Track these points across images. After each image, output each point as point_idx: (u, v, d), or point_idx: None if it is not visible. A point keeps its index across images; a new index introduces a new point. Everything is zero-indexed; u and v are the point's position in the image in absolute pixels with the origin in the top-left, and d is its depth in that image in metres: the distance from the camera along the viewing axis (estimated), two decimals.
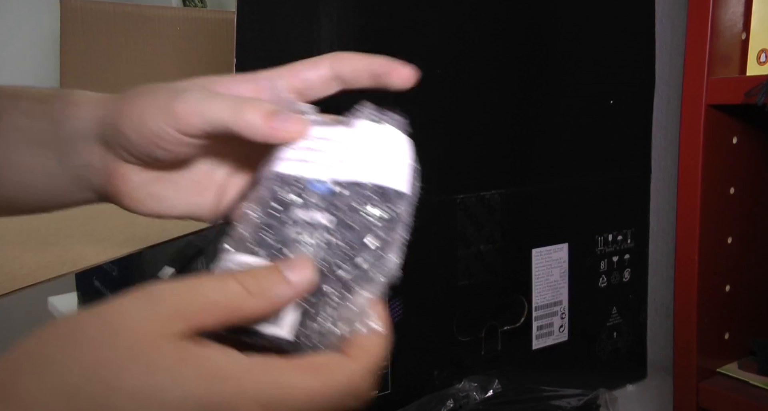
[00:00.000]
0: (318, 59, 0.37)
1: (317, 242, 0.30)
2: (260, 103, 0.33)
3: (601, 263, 0.75)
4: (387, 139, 0.34)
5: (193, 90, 0.34)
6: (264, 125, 0.32)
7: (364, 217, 0.31)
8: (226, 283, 0.27)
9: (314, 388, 0.26)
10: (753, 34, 0.60)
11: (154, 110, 0.34)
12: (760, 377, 0.62)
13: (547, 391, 0.63)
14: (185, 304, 0.26)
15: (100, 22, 1.09)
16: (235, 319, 0.27)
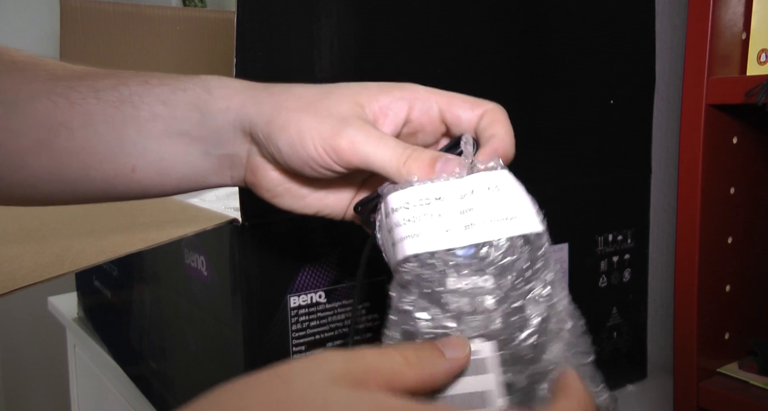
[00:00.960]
0: (476, 104, 0.38)
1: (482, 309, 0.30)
2: (422, 155, 0.34)
3: (601, 263, 0.75)
4: (503, 185, 0.33)
5: (356, 125, 0.35)
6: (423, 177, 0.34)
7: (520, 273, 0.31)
8: (389, 353, 0.29)
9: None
10: (753, 34, 0.60)
11: (315, 136, 0.35)
12: (760, 377, 0.62)
13: None
14: (351, 363, 0.28)
15: (100, 21, 1.09)
16: (396, 384, 0.28)
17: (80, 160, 0.38)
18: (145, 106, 0.37)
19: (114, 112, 0.37)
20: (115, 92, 0.37)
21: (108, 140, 0.37)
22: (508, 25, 0.66)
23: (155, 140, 0.38)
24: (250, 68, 0.54)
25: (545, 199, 0.70)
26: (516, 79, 0.67)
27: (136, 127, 0.37)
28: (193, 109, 0.37)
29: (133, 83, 0.38)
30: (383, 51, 0.60)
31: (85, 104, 0.37)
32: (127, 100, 0.37)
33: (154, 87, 0.38)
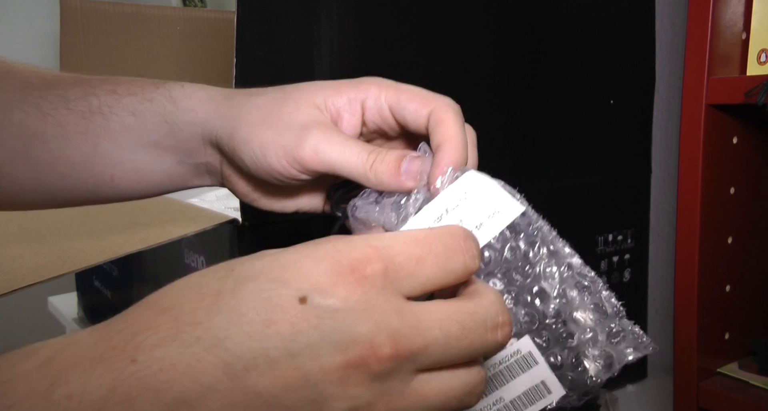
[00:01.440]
0: (423, 102, 0.36)
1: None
2: (387, 157, 0.34)
3: (601, 263, 0.75)
4: (472, 187, 0.33)
5: (317, 132, 0.35)
6: (392, 182, 0.33)
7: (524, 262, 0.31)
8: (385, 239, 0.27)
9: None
10: (753, 34, 0.60)
11: (278, 149, 0.35)
12: (760, 377, 0.62)
13: None
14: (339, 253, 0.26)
15: (100, 22, 1.09)
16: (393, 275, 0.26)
17: (58, 170, 0.39)
18: (115, 117, 0.38)
19: (86, 124, 0.38)
20: (85, 102, 0.38)
21: (83, 151, 0.38)
22: (508, 25, 0.66)
23: (129, 151, 0.38)
24: (250, 68, 0.54)
25: (545, 199, 0.70)
26: (516, 79, 0.67)
27: (109, 139, 0.38)
28: (161, 121, 0.38)
29: (101, 93, 0.38)
30: (383, 51, 0.60)
31: (56, 114, 0.38)
32: (96, 111, 0.38)
33: (122, 97, 0.38)
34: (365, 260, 0.24)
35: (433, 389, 0.25)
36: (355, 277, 0.24)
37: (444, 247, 0.26)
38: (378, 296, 0.24)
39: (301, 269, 0.24)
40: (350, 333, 0.23)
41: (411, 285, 0.25)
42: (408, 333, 0.24)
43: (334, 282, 0.24)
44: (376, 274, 0.24)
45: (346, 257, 0.24)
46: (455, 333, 0.25)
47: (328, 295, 0.24)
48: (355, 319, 0.23)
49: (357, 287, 0.24)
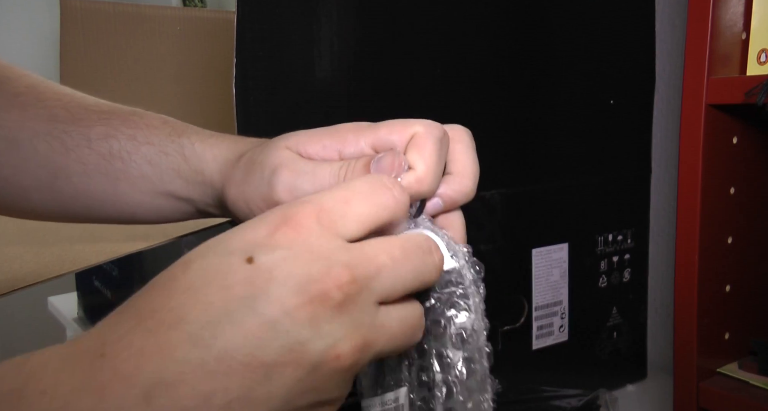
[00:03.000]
0: (403, 131, 0.36)
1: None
2: (357, 164, 0.34)
3: (601, 263, 0.75)
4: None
5: (286, 169, 0.35)
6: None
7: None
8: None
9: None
10: (753, 34, 0.60)
11: (259, 202, 0.36)
12: (760, 377, 0.62)
13: (547, 391, 0.64)
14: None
15: (100, 22, 1.09)
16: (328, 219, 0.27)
17: (81, 202, 0.42)
18: (134, 164, 0.41)
19: (106, 165, 0.41)
20: (106, 144, 0.41)
21: (104, 189, 0.41)
22: (508, 25, 0.66)
23: (148, 195, 0.41)
24: (250, 68, 0.54)
25: (545, 199, 0.70)
26: (516, 79, 0.67)
27: (128, 183, 0.41)
28: (176, 176, 0.40)
29: (122, 137, 0.41)
30: (383, 51, 0.60)
31: (79, 152, 0.41)
32: (117, 155, 0.41)
33: (141, 145, 0.41)
34: (298, 211, 0.26)
35: (395, 321, 0.27)
36: (290, 226, 0.25)
37: (369, 186, 0.27)
38: (319, 238, 0.25)
39: (243, 235, 0.25)
40: (304, 274, 0.24)
41: (345, 225, 0.26)
42: (358, 262, 0.25)
43: (273, 236, 0.25)
44: (310, 220, 0.25)
45: (280, 214, 0.26)
46: (399, 256, 0.26)
47: (271, 247, 0.24)
48: (305, 262, 0.24)
49: (296, 235, 0.25)
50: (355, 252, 0.25)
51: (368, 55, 0.59)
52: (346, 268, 0.25)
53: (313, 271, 0.24)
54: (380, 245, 0.26)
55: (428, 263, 0.28)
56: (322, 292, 0.24)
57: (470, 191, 0.34)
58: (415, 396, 0.31)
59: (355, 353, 0.25)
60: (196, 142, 0.41)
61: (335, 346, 0.24)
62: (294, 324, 0.24)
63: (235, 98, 0.53)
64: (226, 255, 0.24)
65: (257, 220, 0.26)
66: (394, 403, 0.31)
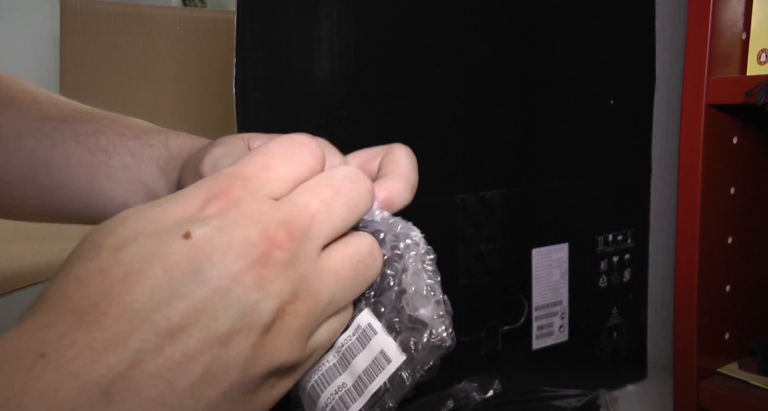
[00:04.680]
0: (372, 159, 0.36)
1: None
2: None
3: (601, 263, 0.75)
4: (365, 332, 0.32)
5: (220, 147, 0.36)
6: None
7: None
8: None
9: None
10: (753, 33, 0.60)
11: (191, 174, 0.37)
12: (760, 377, 0.62)
13: (547, 391, 0.63)
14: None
15: (100, 22, 1.09)
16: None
17: (60, 197, 0.42)
18: (117, 156, 0.41)
19: (89, 157, 0.41)
20: (93, 138, 0.41)
21: (82, 182, 0.42)
22: (508, 25, 0.66)
23: (121, 187, 0.41)
24: (250, 68, 0.54)
25: (545, 199, 0.71)
26: (516, 79, 0.67)
27: (106, 175, 0.41)
28: (154, 165, 0.41)
29: (110, 132, 0.42)
30: (383, 51, 0.60)
31: (65, 145, 0.41)
32: (102, 148, 0.41)
33: (128, 139, 0.42)
34: (223, 183, 0.26)
35: (338, 260, 0.27)
36: (219, 198, 0.25)
37: (285, 147, 0.27)
38: (250, 204, 0.25)
39: (174, 213, 0.25)
40: (243, 239, 0.24)
41: (272, 187, 0.26)
42: (291, 216, 0.25)
43: (205, 209, 0.25)
44: (237, 190, 0.25)
45: (206, 188, 0.25)
46: (329, 195, 0.27)
47: (205, 220, 0.24)
48: (241, 228, 0.24)
49: (227, 205, 0.25)
50: (287, 206, 0.26)
51: (368, 55, 0.59)
52: (282, 224, 0.25)
53: (250, 235, 0.24)
54: (308, 191, 0.26)
55: (360, 191, 0.28)
56: (264, 253, 0.24)
57: (402, 192, 0.33)
58: (383, 309, 0.30)
59: (302, 306, 0.25)
60: (182, 136, 0.42)
61: (283, 303, 0.24)
62: (243, 289, 0.24)
63: (235, 98, 0.53)
64: (161, 235, 0.24)
65: (183, 195, 0.25)
66: (360, 330, 0.30)
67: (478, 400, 0.62)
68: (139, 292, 0.23)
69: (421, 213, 0.66)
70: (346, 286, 0.27)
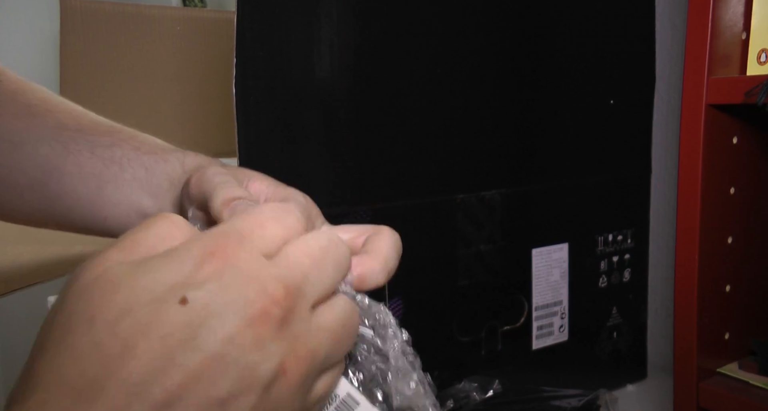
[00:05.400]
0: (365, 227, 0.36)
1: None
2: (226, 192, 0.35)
3: (601, 263, 0.75)
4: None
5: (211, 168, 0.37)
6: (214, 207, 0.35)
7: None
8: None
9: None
10: (753, 34, 0.60)
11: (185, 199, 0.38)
12: (760, 377, 0.62)
13: (547, 391, 0.63)
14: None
15: (100, 22, 1.09)
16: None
17: (65, 203, 0.43)
18: (131, 169, 0.42)
19: (102, 168, 0.42)
20: (109, 151, 0.42)
21: (90, 191, 0.42)
22: (508, 25, 0.66)
23: (128, 197, 0.42)
24: (250, 68, 0.54)
25: (545, 199, 0.71)
26: (516, 79, 0.67)
27: (116, 185, 0.42)
28: (166, 179, 0.42)
29: (126, 147, 0.43)
30: (382, 51, 0.60)
31: (79, 156, 0.42)
32: (117, 161, 0.42)
33: (143, 154, 0.42)
34: (220, 240, 0.25)
35: (329, 318, 0.27)
36: (217, 256, 0.25)
37: (274, 212, 0.28)
38: (247, 262, 0.25)
39: (167, 276, 0.24)
40: (241, 298, 0.24)
41: (266, 245, 0.26)
42: (287, 273, 0.25)
43: (201, 269, 0.24)
44: (233, 247, 0.25)
45: (201, 246, 0.25)
46: (318, 254, 0.27)
47: (201, 282, 0.24)
48: (238, 286, 0.24)
49: (224, 263, 0.24)
50: (281, 263, 0.26)
51: (368, 55, 0.59)
52: (278, 281, 0.25)
53: (248, 293, 0.24)
54: (299, 249, 0.27)
55: (342, 253, 0.28)
56: (262, 312, 0.24)
57: (377, 273, 0.32)
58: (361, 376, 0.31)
59: (303, 364, 0.25)
60: (200, 156, 0.42)
61: (282, 363, 0.24)
62: (241, 351, 0.23)
63: (235, 98, 0.53)
64: (156, 303, 0.23)
65: (177, 254, 0.25)
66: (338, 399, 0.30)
67: (478, 400, 0.62)
68: (135, 365, 0.22)
69: (421, 213, 0.66)
70: (337, 342, 0.27)
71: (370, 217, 0.59)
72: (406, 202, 0.62)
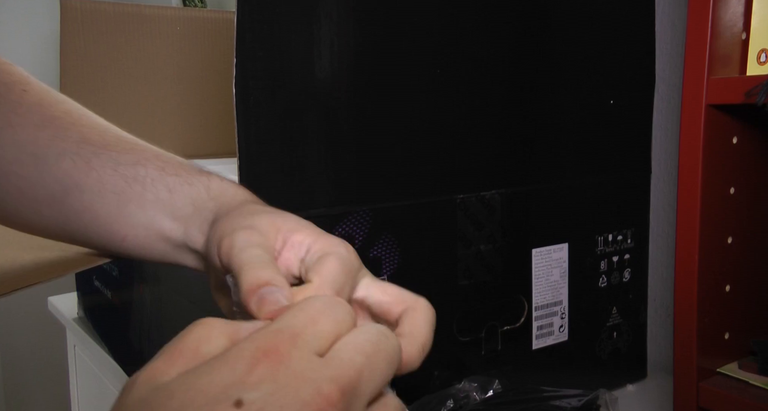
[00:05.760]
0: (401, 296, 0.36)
1: None
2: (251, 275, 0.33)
3: (601, 263, 0.75)
4: None
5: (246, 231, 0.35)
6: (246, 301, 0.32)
7: None
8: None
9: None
10: (753, 34, 0.60)
11: (218, 236, 0.36)
12: (760, 377, 0.62)
13: (547, 391, 0.63)
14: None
15: (100, 22, 1.09)
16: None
17: (83, 219, 0.42)
18: (153, 189, 0.42)
19: (124, 187, 0.42)
20: (132, 170, 0.42)
21: (110, 209, 0.42)
22: (507, 24, 0.66)
23: (149, 219, 0.42)
24: (250, 68, 0.54)
25: (545, 199, 0.71)
26: (516, 79, 0.67)
27: (138, 204, 0.42)
28: (189, 203, 0.41)
29: (151, 166, 0.42)
30: (383, 51, 0.60)
31: (102, 172, 0.42)
32: (140, 180, 0.42)
33: (167, 175, 0.42)
34: (273, 340, 0.25)
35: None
36: (270, 357, 0.24)
37: (326, 305, 0.27)
38: (300, 362, 0.24)
39: (220, 378, 0.24)
40: (297, 402, 0.23)
41: (318, 343, 0.26)
42: (340, 372, 0.25)
43: (254, 371, 0.24)
44: (287, 347, 0.25)
45: (254, 347, 0.25)
46: (371, 350, 0.26)
47: (255, 384, 0.23)
48: (293, 389, 0.24)
49: (278, 364, 0.24)
50: (334, 362, 0.25)
51: (368, 55, 0.59)
52: (333, 382, 0.24)
53: (304, 396, 0.24)
54: (351, 346, 0.26)
55: (393, 347, 0.28)
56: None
57: (415, 359, 0.32)
58: None
59: None
60: (225, 181, 0.42)
61: None
62: None
63: (235, 98, 0.53)
64: (211, 405, 0.23)
65: (230, 356, 0.24)
66: None
67: (478, 400, 0.62)
68: None
69: (421, 213, 0.66)
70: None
71: (370, 217, 0.59)
72: (406, 202, 0.62)
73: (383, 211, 0.60)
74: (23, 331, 2.03)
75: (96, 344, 1.02)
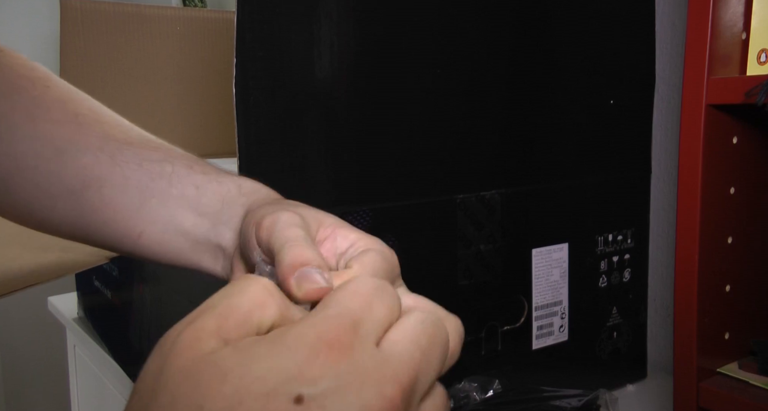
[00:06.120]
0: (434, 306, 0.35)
1: None
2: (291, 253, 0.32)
3: (601, 263, 0.75)
4: None
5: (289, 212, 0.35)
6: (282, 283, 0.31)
7: None
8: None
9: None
10: (753, 34, 0.60)
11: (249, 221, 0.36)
12: (760, 377, 0.62)
13: (547, 391, 0.63)
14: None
15: (100, 22, 1.09)
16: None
17: (99, 217, 0.41)
18: (180, 185, 0.41)
19: (148, 182, 0.41)
20: (158, 166, 0.41)
21: (132, 203, 0.41)
22: (507, 24, 0.66)
23: (169, 215, 0.41)
24: (250, 68, 0.54)
25: (545, 199, 0.71)
26: (516, 79, 0.67)
27: (161, 199, 0.41)
28: (218, 200, 0.40)
29: (178, 164, 0.41)
30: (383, 51, 0.60)
31: (126, 168, 0.41)
32: (166, 176, 0.41)
33: (195, 173, 0.41)
34: (336, 330, 0.24)
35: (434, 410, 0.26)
36: (334, 349, 0.23)
37: (374, 287, 0.26)
38: (362, 355, 0.24)
39: (279, 368, 0.22)
40: (359, 403, 0.22)
41: (375, 330, 0.25)
42: (400, 370, 0.24)
43: (316, 363, 0.23)
44: (350, 337, 0.24)
45: (315, 335, 0.23)
46: (426, 345, 0.25)
47: (316, 378, 0.22)
48: (356, 389, 0.23)
49: (340, 358, 0.23)
50: (394, 359, 0.24)
51: (368, 55, 0.59)
52: (395, 383, 0.23)
53: (366, 397, 0.22)
54: (407, 338, 0.25)
55: (445, 338, 0.27)
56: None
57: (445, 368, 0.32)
58: None
59: None
60: (257, 182, 0.41)
61: None
62: None
63: (235, 98, 0.53)
64: (269, 397, 0.22)
65: (290, 340, 0.23)
66: None
67: (478, 400, 0.62)
68: None
69: (421, 213, 0.66)
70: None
71: (370, 217, 0.59)
72: (406, 202, 0.62)
73: (383, 211, 0.60)
74: (23, 331, 2.03)
75: (96, 344, 1.02)
